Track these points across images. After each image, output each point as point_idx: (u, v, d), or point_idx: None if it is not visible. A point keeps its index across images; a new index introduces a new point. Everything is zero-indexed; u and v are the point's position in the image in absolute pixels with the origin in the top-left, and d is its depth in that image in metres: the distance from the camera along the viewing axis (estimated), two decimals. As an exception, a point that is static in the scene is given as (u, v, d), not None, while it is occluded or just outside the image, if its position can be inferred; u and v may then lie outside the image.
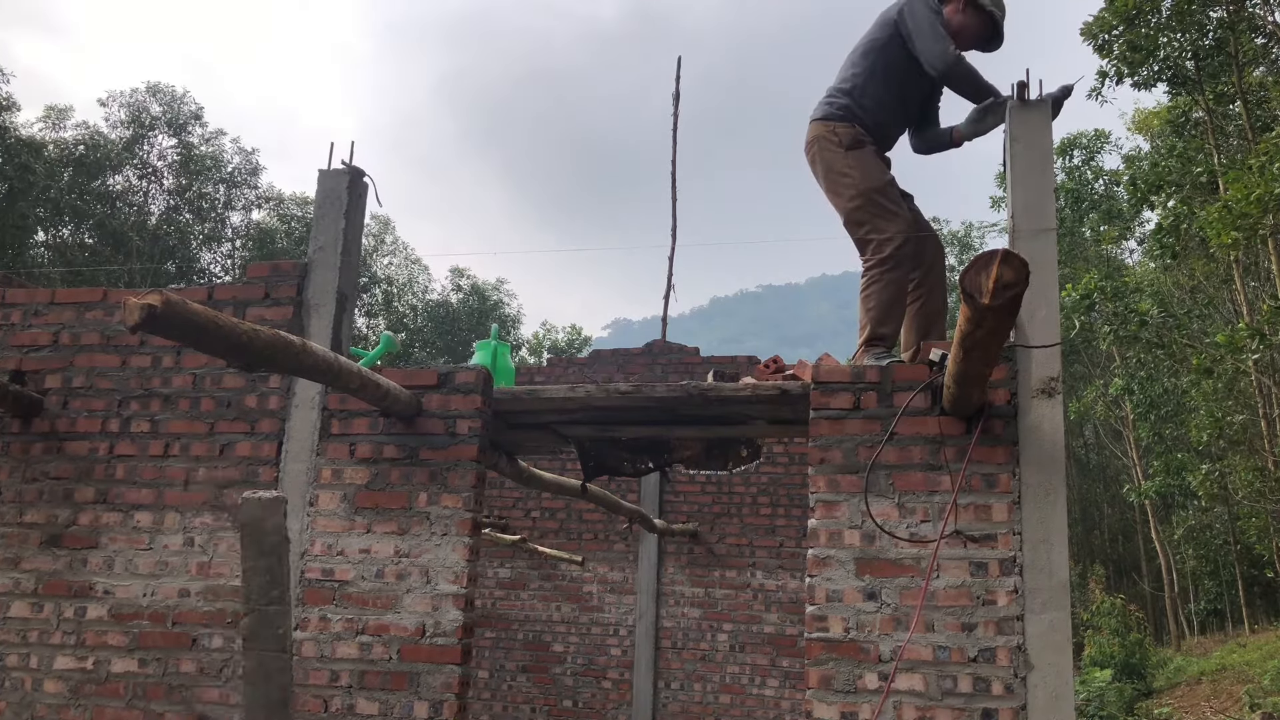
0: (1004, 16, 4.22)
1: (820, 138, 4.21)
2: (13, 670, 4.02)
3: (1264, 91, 14.31)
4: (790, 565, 8.50)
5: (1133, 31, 13.75)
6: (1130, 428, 21.83)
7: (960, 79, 4.05)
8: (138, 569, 4.03)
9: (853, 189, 4.08)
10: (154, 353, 4.26)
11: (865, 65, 4.19)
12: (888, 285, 3.97)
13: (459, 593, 3.75)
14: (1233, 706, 13.72)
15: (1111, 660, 16.99)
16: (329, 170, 4.27)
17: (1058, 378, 3.47)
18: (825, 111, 4.23)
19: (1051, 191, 3.64)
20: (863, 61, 4.21)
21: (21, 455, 4.25)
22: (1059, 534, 3.35)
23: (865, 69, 4.19)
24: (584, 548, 8.87)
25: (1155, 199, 15.96)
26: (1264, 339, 11.52)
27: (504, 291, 33.69)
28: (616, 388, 4.08)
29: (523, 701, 8.78)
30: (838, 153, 4.14)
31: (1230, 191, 11.12)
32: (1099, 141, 23.70)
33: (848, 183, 4.10)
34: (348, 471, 3.96)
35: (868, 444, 3.56)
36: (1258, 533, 18.01)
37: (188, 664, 3.89)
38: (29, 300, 4.46)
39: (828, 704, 3.37)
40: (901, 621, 3.38)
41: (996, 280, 2.39)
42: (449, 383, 3.97)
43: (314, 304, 4.16)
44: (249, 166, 28.85)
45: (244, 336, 2.71)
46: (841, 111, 4.18)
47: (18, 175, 22.68)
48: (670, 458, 4.79)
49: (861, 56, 4.23)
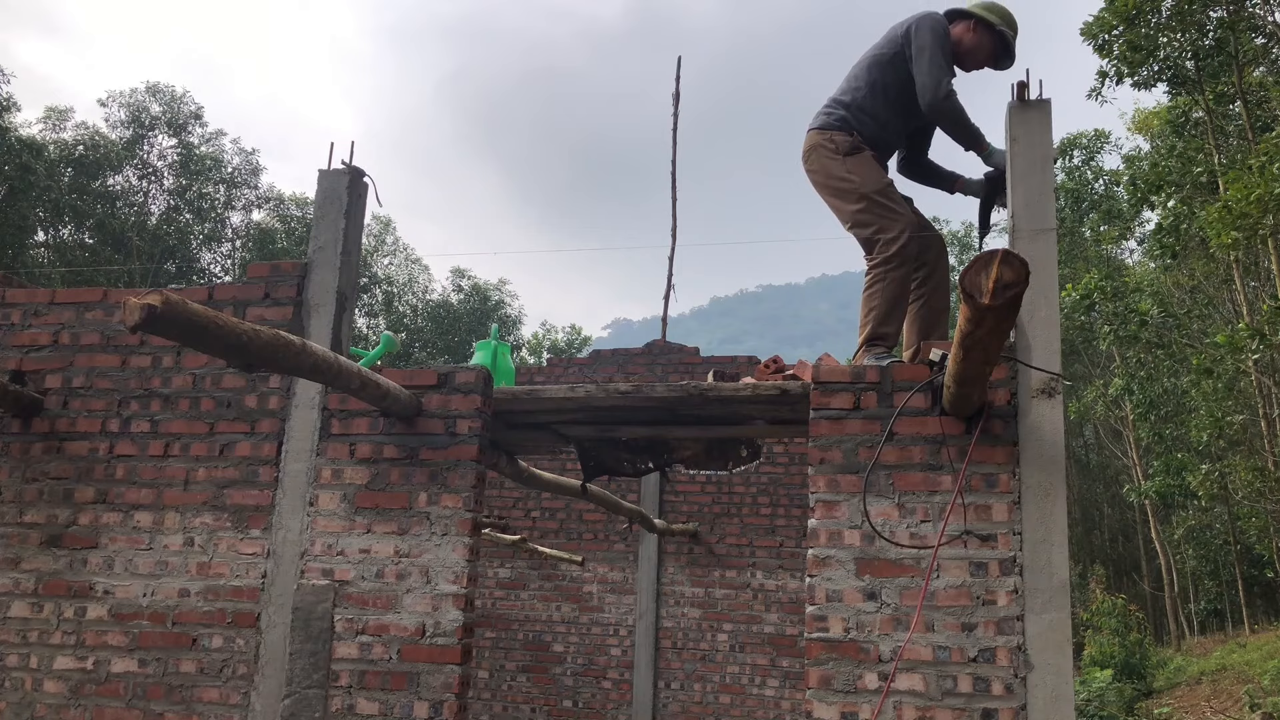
0: (1016, 35, 4.18)
1: (817, 146, 4.21)
2: (13, 670, 4.02)
3: (1264, 91, 14.30)
4: (790, 565, 8.50)
5: (1133, 31, 13.75)
6: (1130, 428, 21.84)
7: (946, 116, 4.03)
8: (138, 569, 4.04)
9: (855, 193, 4.07)
10: (154, 353, 4.26)
11: (867, 80, 4.18)
12: (892, 283, 3.97)
13: (459, 593, 3.75)
14: (1233, 706, 13.72)
15: (1111, 660, 16.99)
16: (329, 170, 4.27)
17: (1058, 377, 3.47)
18: (823, 121, 4.23)
19: (1051, 191, 3.64)
20: (865, 75, 4.20)
21: (21, 455, 4.25)
22: (1059, 534, 3.35)
23: (867, 83, 4.18)
24: (584, 548, 8.87)
25: (1155, 199, 15.96)
26: (1264, 339, 11.51)
27: (506, 292, 33.70)
28: (616, 388, 4.08)
29: (523, 701, 8.78)
30: (836, 160, 4.13)
31: (1230, 191, 11.12)
32: (1099, 141, 23.70)
33: (849, 187, 4.09)
34: (348, 471, 3.96)
35: (868, 444, 3.56)
36: (1258, 533, 18.01)
37: (188, 664, 3.89)
38: (29, 300, 4.46)
39: (828, 704, 3.37)
40: (901, 621, 3.38)
41: (996, 280, 2.39)
42: (449, 383, 3.97)
43: (314, 304, 4.16)
44: (249, 167, 28.90)
45: (244, 336, 2.71)
46: (839, 122, 4.17)
47: (18, 175, 22.68)
48: (670, 458, 4.79)
49: (865, 70, 4.21)
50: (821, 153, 4.18)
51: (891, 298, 3.97)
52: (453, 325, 31.65)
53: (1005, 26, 4.17)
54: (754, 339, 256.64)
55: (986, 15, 4.17)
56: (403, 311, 32.22)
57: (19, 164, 22.65)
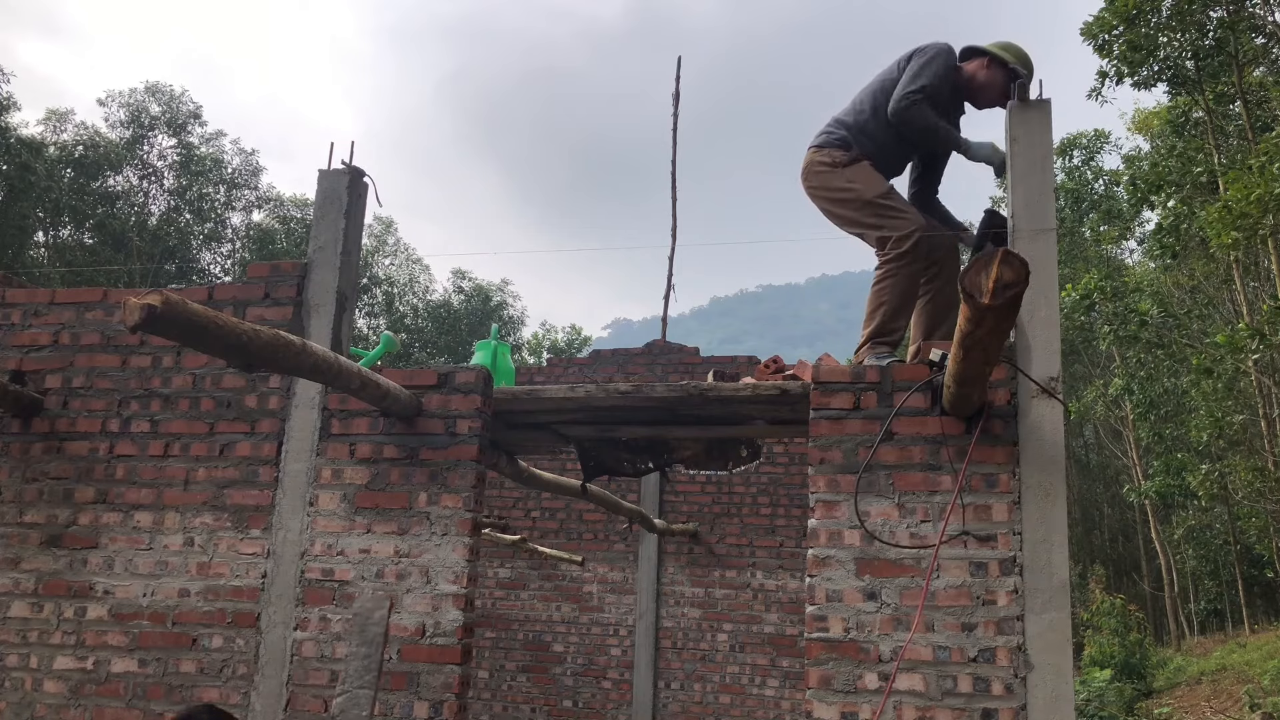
0: (1031, 77, 4.09)
1: (815, 162, 4.21)
2: (13, 670, 4.02)
3: (1264, 91, 14.30)
4: (790, 565, 8.50)
5: (1133, 31, 13.75)
6: (1130, 428, 21.84)
7: (906, 122, 4.02)
8: (138, 569, 4.04)
9: (857, 200, 4.07)
10: (154, 353, 4.26)
11: (871, 104, 4.17)
12: (903, 279, 3.96)
13: (459, 593, 3.75)
14: (1233, 706, 13.72)
15: (1111, 660, 16.99)
16: (329, 170, 4.27)
17: (1058, 378, 3.47)
18: (822, 140, 4.23)
19: (1051, 191, 3.64)
20: (869, 100, 4.19)
21: (21, 455, 4.25)
22: (1059, 534, 3.35)
23: (871, 107, 4.17)
24: (584, 548, 8.87)
25: (1155, 199, 15.96)
26: (1264, 339, 11.51)
27: (508, 293, 33.68)
28: (616, 388, 4.08)
29: (523, 701, 8.78)
30: (834, 172, 4.13)
31: (1230, 191, 11.13)
32: (1099, 141, 23.70)
33: (850, 196, 4.09)
34: (348, 471, 3.96)
35: (868, 444, 3.56)
36: (1258, 533, 18.01)
37: (188, 664, 3.89)
38: (29, 300, 4.46)
39: (828, 704, 3.37)
40: (901, 621, 3.38)
41: (996, 280, 2.39)
42: (449, 383, 3.97)
43: (314, 304, 4.16)
44: (249, 167, 28.91)
45: (244, 336, 2.71)
46: (838, 140, 4.18)
47: (18, 175, 22.68)
48: (670, 458, 4.79)
49: (870, 95, 4.20)
50: (819, 168, 4.18)
51: (902, 293, 3.97)
52: (453, 326, 31.65)
53: (1018, 64, 4.15)
54: (754, 339, 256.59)
55: (1001, 54, 4.16)
56: (403, 312, 32.21)
57: (19, 164, 22.65)
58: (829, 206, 4.19)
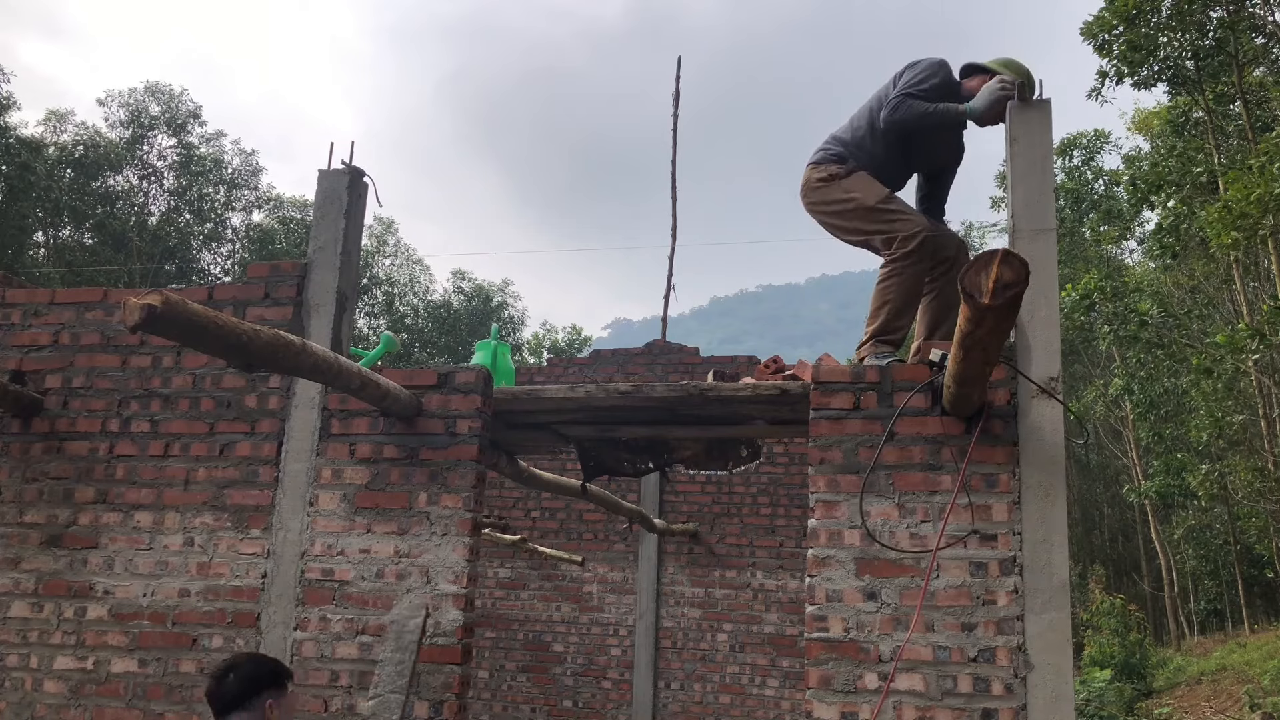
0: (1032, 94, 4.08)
1: (813, 179, 4.21)
2: (13, 670, 4.02)
3: (1264, 91, 14.30)
4: (790, 565, 8.50)
5: (1133, 31, 13.75)
6: (1130, 428, 21.84)
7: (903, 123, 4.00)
8: (138, 569, 4.04)
9: (858, 208, 4.06)
10: (154, 353, 4.26)
11: (867, 120, 4.17)
12: (908, 278, 3.96)
13: (459, 593, 3.75)
14: (1233, 706, 13.72)
15: (1111, 660, 16.99)
16: (329, 170, 4.27)
17: (1058, 378, 3.47)
18: (819, 156, 4.23)
19: (1051, 191, 3.64)
20: (865, 116, 4.19)
21: (21, 455, 4.25)
22: (1059, 534, 3.35)
23: (867, 123, 4.16)
24: (584, 548, 8.87)
25: (1155, 199, 15.96)
26: (1264, 339, 11.51)
27: (509, 293, 33.66)
28: (616, 388, 4.08)
29: (523, 701, 8.78)
30: (833, 185, 4.13)
31: (1230, 191, 11.12)
32: (1099, 141, 23.70)
33: (850, 206, 4.08)
34: (348, 471, 3.96)
35: (868, 444, 3.56)
36: (1258, 533, 18.01)
37: (188, 664, 3.89)
38: (29, 300, 4.47)
39: (828, 704, 3.37)
40: (901, 621, 3.38)
41: (996, 280, 2.39)
42: (449, 383, 3.98)
43: (314, 304, 4.16)
44: (249, 168, 28.89)
45: (244, 336, 2.71)
46: (835, 156, 4.18)
47: (18, 175, 22.68)
48: (670, 458, 4.79)
49: (868, 111, 4.19)
50: (817, 184, 4.18)
51: (906, 292, 3.96)
52: (453, 326, 31.64)
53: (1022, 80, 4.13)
54: (754, 339, 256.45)
55: (1001, 70, 4.16)
56: (403, 312, 32.21)
57: (19, 164, 22.65)
58: (830, 220, 4.18)
